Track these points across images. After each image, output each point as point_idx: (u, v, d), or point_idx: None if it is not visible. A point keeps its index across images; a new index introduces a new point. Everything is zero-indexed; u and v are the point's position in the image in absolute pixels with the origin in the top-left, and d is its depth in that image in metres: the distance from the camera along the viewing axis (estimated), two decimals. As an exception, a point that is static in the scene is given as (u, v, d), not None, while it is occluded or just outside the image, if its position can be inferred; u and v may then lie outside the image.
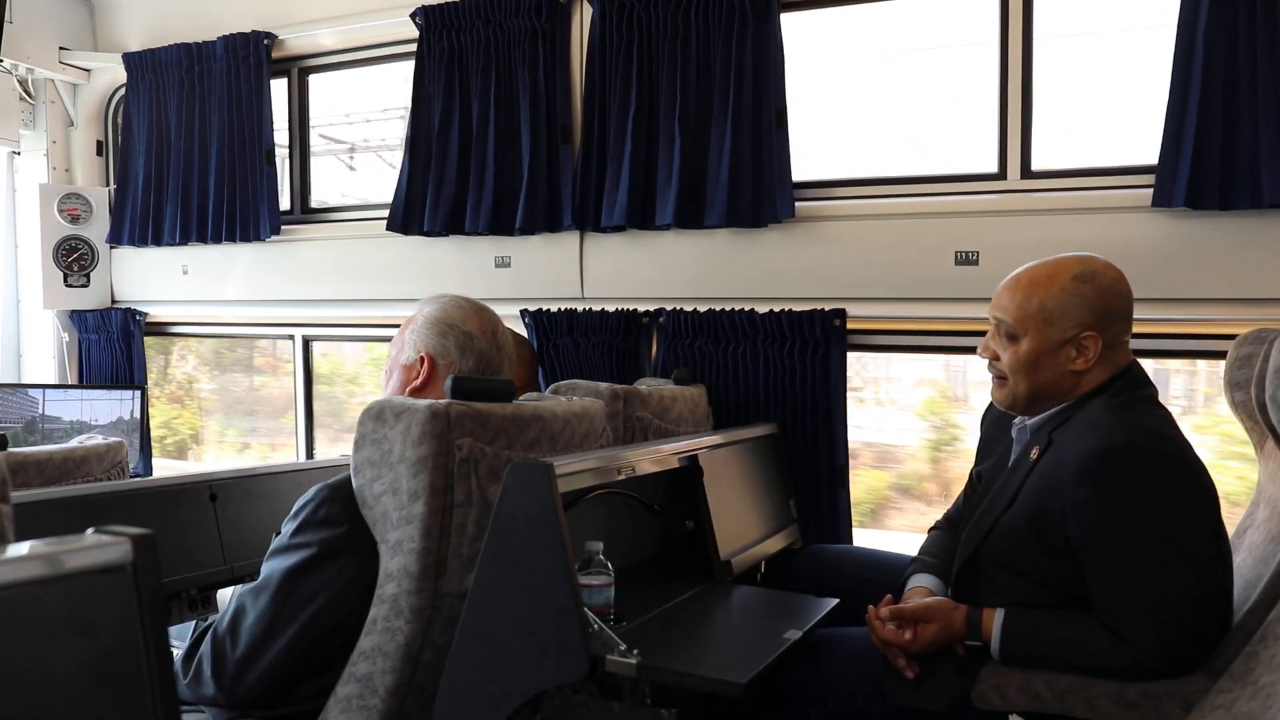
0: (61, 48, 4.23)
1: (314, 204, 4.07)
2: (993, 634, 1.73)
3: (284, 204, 3.99)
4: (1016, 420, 1.94)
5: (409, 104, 3.53)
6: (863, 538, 3.02)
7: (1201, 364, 3.20)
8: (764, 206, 2.97)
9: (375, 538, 1.63)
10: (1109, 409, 1.74)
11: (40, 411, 4.07)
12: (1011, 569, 1.79)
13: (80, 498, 1.98)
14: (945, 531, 2.15)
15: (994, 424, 2.10)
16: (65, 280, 4.28)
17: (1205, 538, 1.64)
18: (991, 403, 2.03)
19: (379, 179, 4.47)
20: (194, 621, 1.96)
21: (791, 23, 3.06)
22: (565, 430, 1.88)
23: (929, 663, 1.77)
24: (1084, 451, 1.68)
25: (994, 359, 1.89)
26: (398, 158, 3.66)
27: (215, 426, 5.20)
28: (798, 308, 2.95)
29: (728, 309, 3.05)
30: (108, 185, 4.42)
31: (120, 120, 4.34)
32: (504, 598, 1.54)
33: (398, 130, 4.12)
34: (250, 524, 2.22)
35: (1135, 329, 1.86)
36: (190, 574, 2.09)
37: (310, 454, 4.08)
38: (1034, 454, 1.82)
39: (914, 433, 3.76)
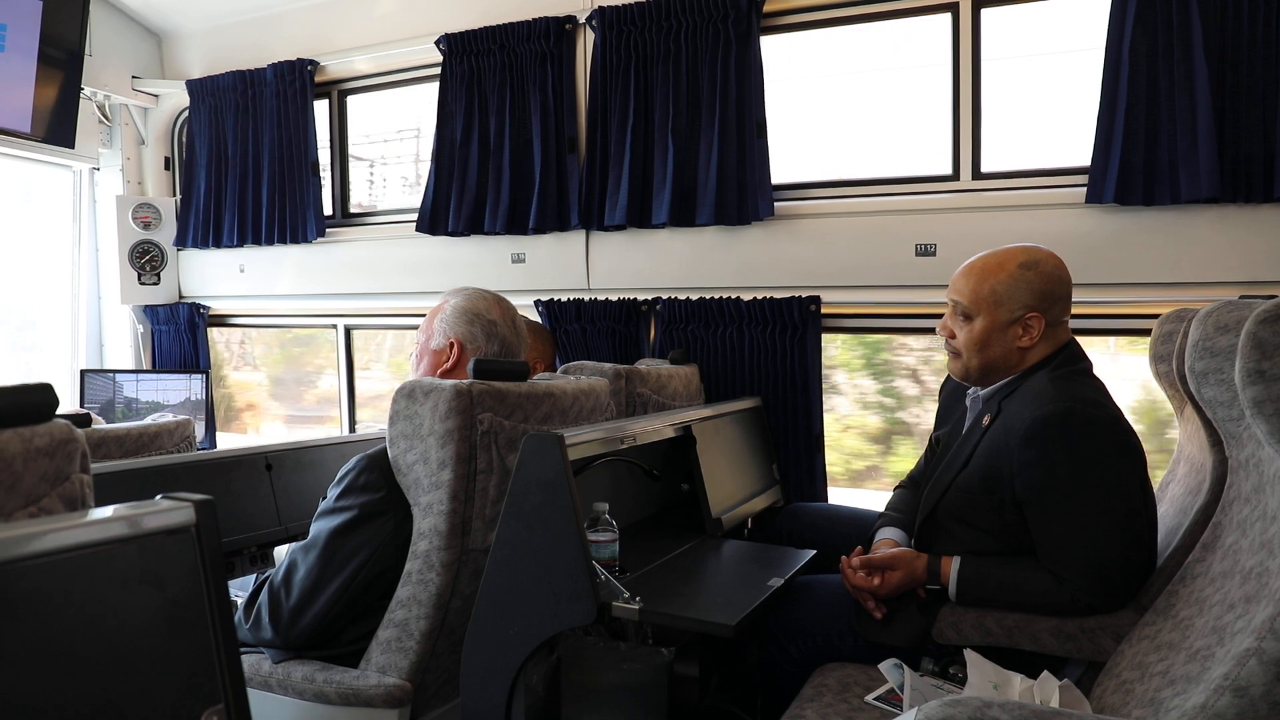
0: (134, 76, 4.24)
1: (353, 209, 4.06)
2: (950, 579, 1.73)
3: (326, 209, 3.97)
4: (970, 390, 1.94)
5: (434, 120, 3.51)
6: (837, 496, 3.02)
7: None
8: (747, 206, 2.95)
9: (409, 501, 1.64)
10: (1051, 381, 1.74)
11: (125, 394, 4.10)
12: (966, 522, 1.79)
13: (154, 468, 1.98)
14: (908, 490, 2.15)
15: (950, 394, 2.10)
16: (139, 279, 4.30)
17: (1133, 492, 1.64)
18: (949, 375, 2.02)
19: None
20: (254, 575, 1.96)
21: (770, 44, 3.04)
22: (574, 405, 1.88)
23: (895, 605, 1.78)
24: (1029, 418, 1.68)
25: (951, 336, 1.89)
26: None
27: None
28: (778, 295, 2.94)
29: (716, 297, 3.03)
30: (174, 195, 4.41)
31: (184, 138, 4.33)
32: (522, 553, 1.54)
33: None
34: (301, 490, 2.22)
35: (1073, 310, 1.85)
36: (250, 534, 2.09)
37: (353, 428, 4.08)
38: (986, 420, 1.82)
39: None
